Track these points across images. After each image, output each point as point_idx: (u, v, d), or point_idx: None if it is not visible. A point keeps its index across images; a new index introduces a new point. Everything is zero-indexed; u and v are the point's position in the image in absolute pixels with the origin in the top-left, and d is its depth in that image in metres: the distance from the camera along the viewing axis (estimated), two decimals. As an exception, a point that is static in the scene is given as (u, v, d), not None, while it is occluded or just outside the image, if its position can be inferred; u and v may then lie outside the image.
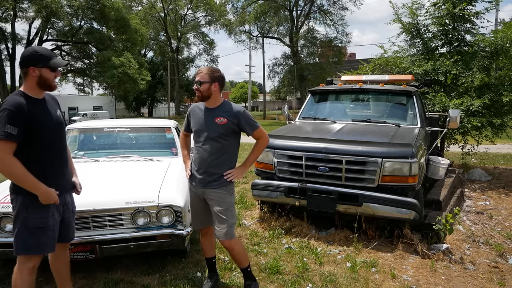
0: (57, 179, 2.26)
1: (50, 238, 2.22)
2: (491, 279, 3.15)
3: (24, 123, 2.06)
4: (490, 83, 6.70)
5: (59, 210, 2.27)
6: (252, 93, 64.40)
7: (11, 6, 18.69)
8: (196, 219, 2.82)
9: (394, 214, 3.63)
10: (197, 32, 43.96)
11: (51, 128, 2.22)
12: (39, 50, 2.19)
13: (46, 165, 2.20)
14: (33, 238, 2.16)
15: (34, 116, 2.10)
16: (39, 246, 2.20)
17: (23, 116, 2.05)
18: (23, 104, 2.07)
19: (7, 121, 2.01)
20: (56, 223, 2.25)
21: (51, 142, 2.22)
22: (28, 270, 2.25)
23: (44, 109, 2.21)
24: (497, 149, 9.83)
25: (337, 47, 34.88)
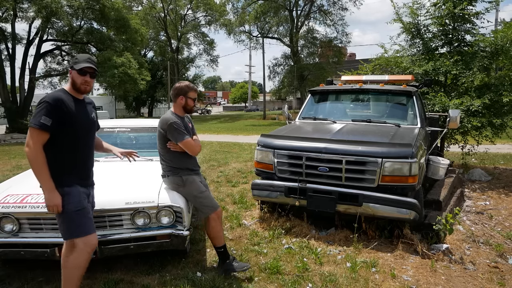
0: (83, 172, 2.49)
1: (88, 218, 2.43)
2: (491, 279, 3.15)
3: (59, 117, 2.27)
4: (490, 83, 6.70)
5: (86, 199, 2.47)
6: (252, 93, 64.53)
7: (11, 6, 18.65)
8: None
9: (394, 214, 3.63)
10: (197, 32, 43.95)
11: (83, 127, 2.44)
12: (78, 55, 2.44)
13: (75, 158, 2.43)
14: (73, 222, 2.35)
15: (69, 112, 2.32)
16: (81, 228, 2.36)
17: (59, 110, 2.28)
18: (62, 99, 2.31)
19: (44, 113, 2.24)
20: (88, 207, 2.47)
21: (81, 139, 2.44)
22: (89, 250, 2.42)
23: (80, 109, 2.43)
24: (497, 149, 9.83)
25: (337, 47, 34.90)
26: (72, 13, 21.33)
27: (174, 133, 3.02)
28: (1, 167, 9.40)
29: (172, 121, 3.02)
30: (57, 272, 3.15)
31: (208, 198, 3.17)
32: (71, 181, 2.40)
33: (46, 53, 23.98)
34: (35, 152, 2.24)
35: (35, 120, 2.23)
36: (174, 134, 3.02)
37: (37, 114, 2.24)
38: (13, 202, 2.92)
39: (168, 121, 3.03)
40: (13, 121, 21.86)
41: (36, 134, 2.24)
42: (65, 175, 2.38)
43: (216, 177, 7.48)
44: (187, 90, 3.13)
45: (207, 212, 3.14)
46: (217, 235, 3.19)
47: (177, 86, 3.17)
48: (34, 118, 2.25)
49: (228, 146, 13.54)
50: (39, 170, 2.28)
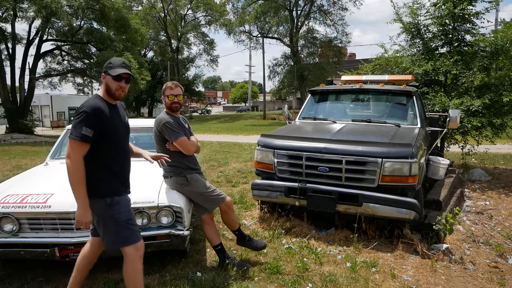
0: (123, 178, 2.45)
1: (136, 225, 2.46)
2: (491, 279, 3.15)
3: (99, 126, 2.22)
4: (490, 83, 6.70)
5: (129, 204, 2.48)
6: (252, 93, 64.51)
7: (11, 6, 18.64)
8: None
9: (394, 214, 3.63)
10: (197, 32, 43.95)
11: (121, 133, 2.41)
12: (112, 60, 2.35)
13: (115, 165, 2.38)
14: (127, 229, 2.35)
15: (108, 120, 2.27)
16: (133, 234, 2.38)
17: (99, 119, 2.22)
18: (100, 108, 2.24)
19: (84, 124, 2.17)
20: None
21: (120, 145, 2.41)
22: (140, 257, 2.42)
23: (116, 114, 2.38)
24: (497, 149, 9.83)
25: (337, 47, 34.90)
26: (72, 13, 21.31)
27: (168, 132, 3.03)
28: (1, 167, 9.40)
29: (166, 121, 3.03)
30: (57, 272, 3.16)
31: (215, 192, 3.20)
32: (119, 190, 2.39)
33: (46, 53, 23.97)
34: (76, 166, 2.18)
35: (76, 132, 2.16)
36: (168, 133, 3.03)
37: (78, 125, 2.18)
38: (13, 202, 2.92)
39: (162, 121, 3.05)
40: (13, 121, 21.88)
41: (77, 146, 2.18)
42: (112, 184, 2.35)
43: (216, 177, 7.48)
44: (164, 88, 3.13)
45: (216, 204, 3.19)
46: (216, 236, 3.26)
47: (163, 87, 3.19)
48: (74, 129, 2.18)
49: (228, 146, 13.54)
50: (77, 184, 2.20)
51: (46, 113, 36.66)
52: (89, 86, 28.99)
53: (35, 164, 5.44)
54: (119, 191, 2.39)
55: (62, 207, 2.89)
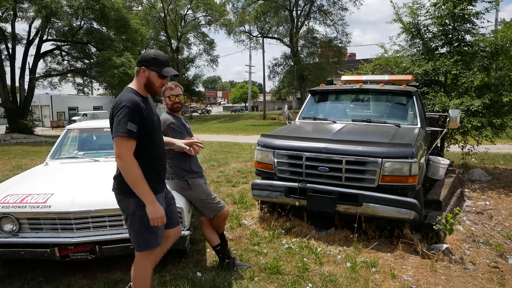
0: (162, 172, 2.37)
1: (162, 230, 2.33)
2: (491, 279, 3.15)
3: (140, 121, 2.13)
4: (490, 83, 6.70)
5: (164, 203, 2.36)
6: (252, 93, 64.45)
7: (11, 6, 18.64)
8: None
9: (394, 214, 3.63)
10: (197, 32, 43.92)
11: (156, 125, 2.31)
12: (157, 54, 2.26)
13: (154, 161, 2.27)
14: (152, 233, 2.25)
15: (146, 113, 2.18)
16: (157, 239, 2.29)
17: (140, 113, 2.13)
18: (138, 102, 2.15)
19: (128, 119, 2.07)
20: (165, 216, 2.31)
21: (157, 138, 2.32)
22: (151, 263, 2.38)
23: (150, 107, 2.28)
24: (497, 149, 9.83)
25: (337, 47, 34.87)
26: (72, 13, 21.31)
27: (172, 133, 3.02)
28: (1, 167, 9.41)
29: (170, 122, 3.03)
30: (57, 272, 3.17)
31: (215, 200, 3.18)
32: (156, 188, 2.26)
33: (46, 53, 23.96)
34: (130, 163, 2.09)
35: (122, 128, 2.06)
36: (173, 134, 3.02)
37: (122, 121, 2.07)
38: (13, 202, 2.92)
39: (166, 122, 3.04)
40: (13, 121, 21.88)
41: (125, 143, 2.08)
42: (151, 182, 2.21)
43: (216, 177, 7.48)
44: (164, 90, 3.11)
45: (214, 212, 3.17)
46: (215, 236, 3.26)
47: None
48: (119, 125, 2.08)
49: (228, 146, 13.54)
50: (137, 182, 2.11)
51: (46, 113, 36.66)
52: (89, 86, 28.98)
53: (35, 164, 5.44)
54: (155, 189, 2.25)
55: (62, 207, 2.88)
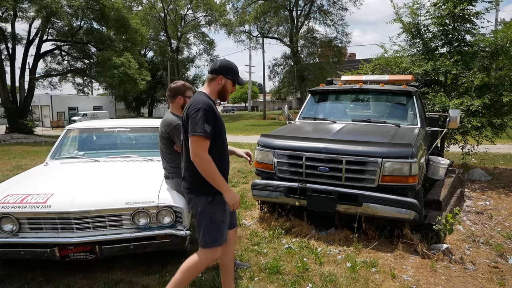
0: (226, 172, 2.46)
1: (227, 229, 2.45)
2: (491, 279, 3.15)
3: (214, 122, 2.28)
4: (490, 83, 6.70)
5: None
6: (252, 93, 64.43)
7: (11, 6, 18.63)
8: None
9: (394, 214, 3.63)
10: (197, 32, 43.96)
11: (223, 130, 2.45)
12: (232, 65, 2.48)
13: (221, 163, 2.37)
14: (219, 231, 2.36)
15: (218, 117, 2.35)
16: (223, 237, 2.39)
17: (214, 115, 2.28)
18: (212, 104, 2.32)
19: (205, 120, 2.22)
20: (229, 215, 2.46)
21: (225, 143, 2.47)
22: (210, 262, 2.47)
23: (216, 109, 2.39)
24: (497, 149, 9.83)
25: (337, 47, 34.89)
26: (72, 13, 21.31)
27: (178, 135, 2.98)
28: (1, 167, 9.40)
29: (176, 123, 2.98)
30: (57, 272, 3.17)
31: None
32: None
33: (46, 53, 23.97)
34: (208, 160, 2.21)
35: (200, 128, 2.18)
36: (178, 136, 2.99)
37: (199, 121, 2.19)
38: (13, 202, 2.92)
39: (172, 123, 3.00)
40: (13, 121, 21.88)
41: (202, 142, 2.20)
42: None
43: (216, 177, 7.47)
44: (184, 89, 3.12)
45: None
46: None
47: (173, 86, 3.15)
48: (196, 125, 2.19)
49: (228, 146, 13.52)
50: (216, 176, 2.24)
51: (46, 113, 36.67)
52: (89, 86, 28.98)
53: (35, 164, 5.44)
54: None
55: (62, 207, 2.88)
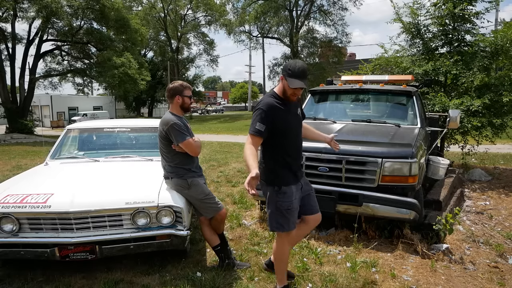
0: (295, 167, 2.64)
1: (294, 217, 2.65)
2: (491, 279, 3.15)
3: (271, 122, 2.49)
4: (490, 83, 6.70)
5: (298, 193, 2.66)
6: (252, 93, 64.39)
7: (11, 6, 18.62)
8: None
9: (394, 214, 3.62)
10: (197, 32, 43.89)
11: (293, 127, 2.62)
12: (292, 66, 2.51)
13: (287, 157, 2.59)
14: (284, 218, 2.59)
15: (280, 116, 2.52)
16: (288, 224, 2.62)
17: (271, 116, 2.49)
18: (273, 104, 2.52)
19: (259, 120, 2.48)
20: (297, 205, 2.66)
21: (292, 138, 2.62)
22: (288, 243, 2.73)
23: (289, 110, 2.59)
24: (497, 149, 9.83)
25: (337, 47, 34.85)
26: (72, 13, 21.28)
27: (175, 133, 3.01)
28: (1, 167, 9.40)
29: (173, 122, 3.02)
30: (57, 272, 3.17)
31: (213, 201, 3.18)
32: (288, 180, 2.59)
33: (46, 53, 23.94)
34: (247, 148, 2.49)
35: (252, 127, 2.49)
36: (175, 134, 3.02)
37: (254, 121, 2.49)
38: (13, 202, 2.92)
39: (169, 122, 3.03)
40: (13, 121, 21.87)
41: (252, 139, 2.50)
42: (282, 174, 2.59)
43: (216, 177, 7.48)
44: (182, 89, 3.14)
45: (212, 213, 3.16)
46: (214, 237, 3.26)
47: (171, 86, 3.18)
48: (252, 124, 2.50)
49: (228, 146, 13.54)
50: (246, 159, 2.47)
51: (46, 113, 36.66)
52: (89, 86, 28.96)
53: (35, 164, 5.44)
54: (287, 182, 2.59)
55: (62, 207, 2.88)
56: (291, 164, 2.62)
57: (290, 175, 2.61)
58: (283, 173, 2.59)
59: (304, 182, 2.77)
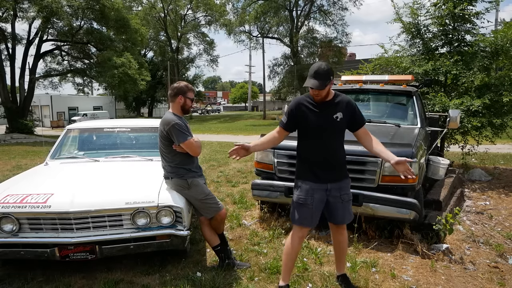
0: (313, 164, 2.69)
1: (307, 214, 2.68)
2: (491, 279, 3.15)
3: (294, 118, 2.70)
4: (490, 83, 6.70)
5: (319, 193, 2.67)
6: (252, 93, 64.43)
7: (11, 6, 18.63)
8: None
9: (394, 214, 3.62)
10: (197, 32, 43.92)
11: (316, 126, 2.65)
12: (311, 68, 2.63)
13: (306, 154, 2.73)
14: (295, 211, 2.71)
15: (303, 113, 2.67)
16: (300, 219, 2.69)
17: (294, 113, 2.69)
18: (299, 103, 2.69)
19: (285, 113, 2.79)
20: (316, 203, 2.67)
21: (315, 138, 2.68)
22: (298, 238, 2.75)
23: (319, 111, 2.65)
24: (497, 149, 9.83)
25: (337, 47, 34.88)
26: (72, 13, 21.28)
27: (176, 133, 3.01)
28: (1, 167, 9.41)
29: (174, 122, 3.01)
30: (57, 272, 3.17)
31: (213, 201, 3.18)
32: (305, 176, 2.71)
33: (46, 53, 23.95)
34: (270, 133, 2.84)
35: (281, 120, 2.77)
36: (176, 134, 3.01)
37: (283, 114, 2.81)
38: (13, 202, 2.92)
39: (170, 122, 3.02)
40: (13, 121, 21.87)
41: (279, 128, 2.79)
42: (301, 170, 2.76)
43: (216, 177, 7.48)
44: (186, 90, 3.15)
45: (211, 213, 3.16)
46: (214, 237, 3.25)
47: (175, 85, 3.18)
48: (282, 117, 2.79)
49: (228, 146, 13.54)
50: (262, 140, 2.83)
51: (46, 113, 36.65)
52: (89, 86, 28.98)
53: (35, 164, 5.44)
54: (304, 177, 2.71)
55: (62, 207, 2.88)
56: (312, 163, 2.69)
57: (309, 172, 2.69)
58: (302, 168, 2.74)
59: (337, 188, 2.71)
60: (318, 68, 2.52)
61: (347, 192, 2.77)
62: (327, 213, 2.79)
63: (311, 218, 2.69)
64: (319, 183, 2.67)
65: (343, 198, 2.74)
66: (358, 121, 2.76)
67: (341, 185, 2.73)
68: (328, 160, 2.69)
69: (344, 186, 2.76)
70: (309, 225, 2.74)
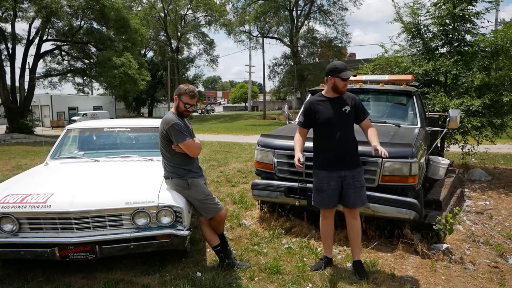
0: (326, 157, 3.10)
1: (324, 198, 3.10)
2: (491, 279, 3.15)
3: (308, 115, 3.13)
4: (490, 83, 6.70)
5: (335, 180, 3.04)
6: (252, 93, 64.40)
7: (11, 6, 18.62)
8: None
9: (394, 214, 3.62)
10: (197, 32, 43.90)
11: (328, 120, 3.04)
12: (336, 64, 3.04)
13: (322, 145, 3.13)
14: (317, 196, 3.13)
15: (317, 109, 3.08)
16: (319, 202, 3.14)
17: (308, 111, 3.13)
18: (312, 103, 3.14)
19: (301, 113, 3.29)
20: (332, 189, 3.05)
21: (328, 130, 3.06)
22: (325, 219, 3.25)
23: (330, 105, 3.07)
24: (497, 149, 9.83)
25: (337, 47, 34.88)
26: (72, 13, 21.27)
27: (175, 134, 3.01)
28: (1, 167, 9.41)
29: (174, 122, 3.01)
30: (57, 272, 3.17)
31: (213, 201, 3.17)
32: (322, 165, 3.11)
33: (46, 53, 23.94)
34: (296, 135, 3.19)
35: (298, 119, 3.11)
36: (175, 135, 3.01)
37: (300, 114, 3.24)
38: (13, 202, 2.92)
39: (169, 122, 3.02)
40: (13, 121, 21.87)
41: (298, 128, 3.22)
42: (318, 159, 3.14)
43: (216, 177, 7.48)
44: (182, 92, 3.09)
45: (211, 214, 3.16)
46: (214, 237, 3.25)
47: (179, 86, 3.17)
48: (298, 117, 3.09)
49: (228, 146, 13.54)
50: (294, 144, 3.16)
51: (46, 113, 36.64)
52: (89, 86, 28.97)
53: (35, 164, 5.44)
54: (321, 166, 3.10)
55: (62, 207, 2.88)
56: (326, 152, 3.08)
57: (324, 161, 3.08)
58: (318, 158, 3.14)
59: (351, 175, 3.05)
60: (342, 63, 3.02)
61: (359, 179, 3.08)
62: (341, 197, 3.09)
63: (328, 201, 3.08)
64: (334, 171, 3.03)
65: (355, 184, 3.04)
66: (361, 114, 3.14)
67: (354, 173, 3.06)
68: (341, 149, 3.05)
69: (357, 174, 3.08)
70: (327, 207, 3.13)
